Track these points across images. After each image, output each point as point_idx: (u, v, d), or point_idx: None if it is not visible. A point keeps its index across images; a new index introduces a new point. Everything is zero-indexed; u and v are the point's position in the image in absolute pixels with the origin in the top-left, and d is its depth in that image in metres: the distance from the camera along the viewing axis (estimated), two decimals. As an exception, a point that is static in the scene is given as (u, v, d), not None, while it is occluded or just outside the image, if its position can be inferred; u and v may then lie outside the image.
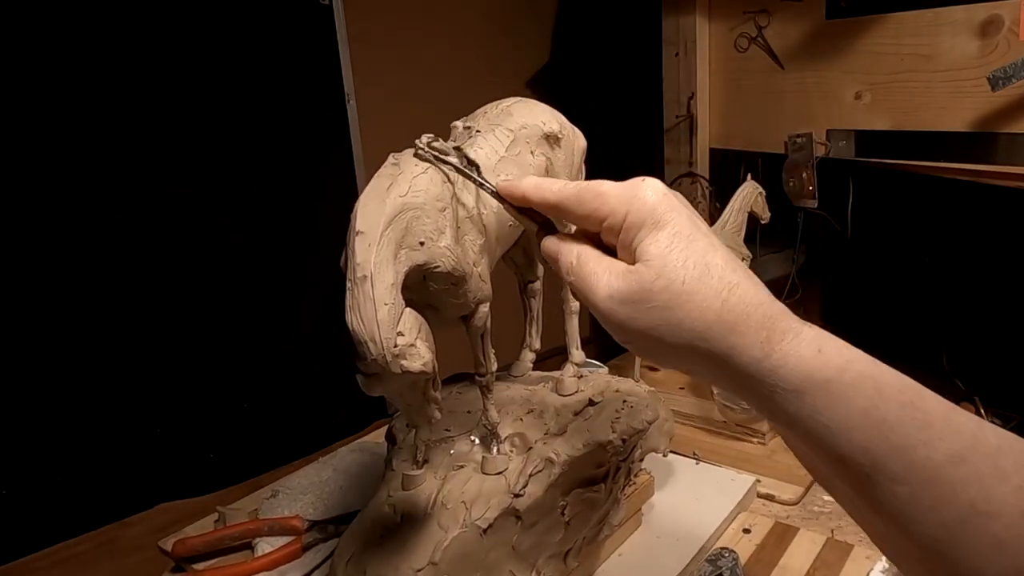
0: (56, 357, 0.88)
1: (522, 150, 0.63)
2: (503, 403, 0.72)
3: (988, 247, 1.11)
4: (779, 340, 0.36)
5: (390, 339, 0.45)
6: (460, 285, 0.55)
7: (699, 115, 1.20)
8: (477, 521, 0.59)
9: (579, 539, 0.68)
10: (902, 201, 1.03)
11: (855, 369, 0.35)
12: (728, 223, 1.05)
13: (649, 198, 0.38)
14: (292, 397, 1.10)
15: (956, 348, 1.09)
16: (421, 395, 0.50)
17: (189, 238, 0.97)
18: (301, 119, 1.05)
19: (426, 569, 0.56)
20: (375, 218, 0.48)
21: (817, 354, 0.35)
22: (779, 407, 0.36)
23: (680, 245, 0.37)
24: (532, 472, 0.62)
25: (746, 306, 0.36)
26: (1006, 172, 0.89)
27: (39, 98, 0.84)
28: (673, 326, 0.36)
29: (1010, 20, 0.85)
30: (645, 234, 0.38)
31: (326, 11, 1.05)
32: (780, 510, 0.87)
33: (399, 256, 0.49)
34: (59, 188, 0.86)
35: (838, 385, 0.34)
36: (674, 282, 0.36)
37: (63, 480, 0.90)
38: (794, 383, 0.35)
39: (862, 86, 1.00)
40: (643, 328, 0.37)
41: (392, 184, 0.50)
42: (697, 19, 1.15)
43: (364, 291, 0.46)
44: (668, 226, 0.38)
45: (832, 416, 0.34)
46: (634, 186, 0.39)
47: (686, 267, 0.37)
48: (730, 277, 0.37)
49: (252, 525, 0.79)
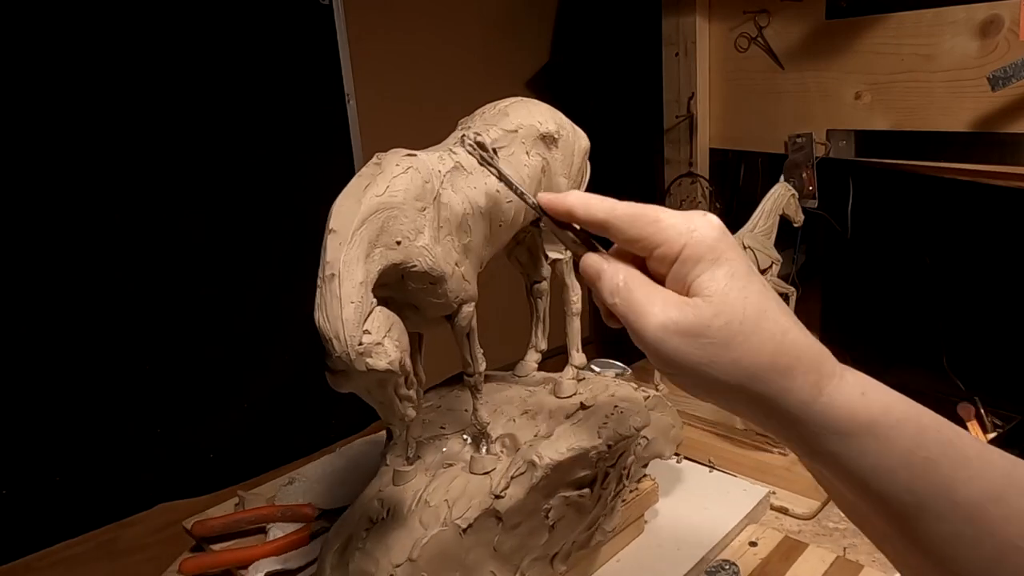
0: (56, 357, 0.88)
1: (517, 150, 0.62)
2: (499, 403, 0.72)
3: (988, 247, 1.11)
4: (827, 383, 0.36)
5: (354, 337, 0.46)
6: (439, 285, 0.55)
7: (699, 115, 1.20)
8: (457, 520, 0.59)
9: (567, 543, 0.67)
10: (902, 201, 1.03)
11: (897, 410, 0.36)
12: (758, 226, 1.01)
13: (708, 233, 0.38)
14: (292, 397, 1.10)
15: (956, 348, 1.09)
16: (391, 393, 0.50)
17: (189, 238, 0.97)
18: (301, 119, 1.05)
19: (404, 565, 0.57)
20: (348, 217, 0.48)
21: (861, 396, 0.36)
22: (824, 449, 0.36)
23: (739, 284, 0.37)
24: (514, 474, 0.61)
25: (798, 350, 0.37)
26: (1006, 172, 0.89)
27: (40, 99, 0.84)
28: (726, 364, 0.37)
29: (1010, 20, 0.85)
30: (703, 269, 0.38)
31: (326, 11, 1.05)
32: (792, 524, 0.84)
33: (372, 255, 0.49)
34: (60, 189, 0.86)
35: (883, 427, 0.35)
36: (732, 321, 0.36)
37: (63, 480, 0.90)
38: (841, 425, 0.36)
39: (862, 86, 1.00)
40: (694, 363, 0.37)
41: (370, 184, 0.51)
42: (697, 19, 1.15)
43: (331, 289, 0.46)
44: (727, 264, 0.38)
45: (878, 457, 0.35)
46: (692, 218, 0.39)
47: (745, 307, 0.37)
48: (783, 321, 0.37)
49: (266, 511, 0.81)
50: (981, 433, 0.91)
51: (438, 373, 0.78)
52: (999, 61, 0.84)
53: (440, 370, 0.79)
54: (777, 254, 1.02)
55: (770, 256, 1.01)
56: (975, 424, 0.92)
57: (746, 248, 0.99)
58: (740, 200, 1.28)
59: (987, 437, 0.90)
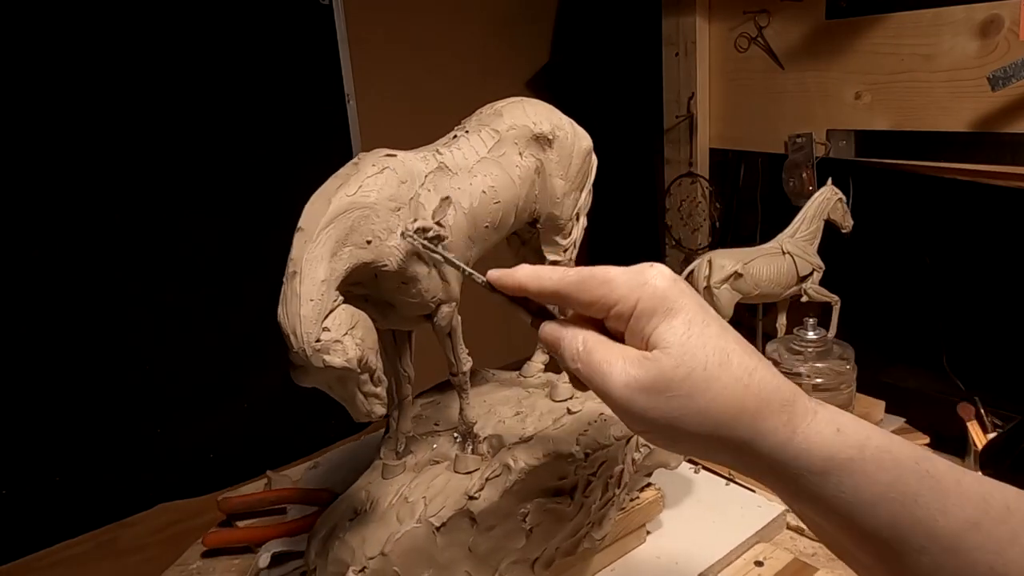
0: (56, 357, 0.88)
1: (508, 151, 0.62)
2: (495, 403, 0.72)
3: (988, 247, 1.11)
4: (800, 422, 0.36)
5: (311, 333, 0.46)
6: (411, 284, 0.55)
7: (699, 115, 1.20)
8: (431, 518, 0.59)
9: (548, 549, 0.66)
10: (902, 201, 1.03)
11: (873, 445, 0.35)
12: (799, 231, 0.98)
13: (659, 284, 0.38)
14: (292, 397, 1.09)
15: (956, 348, 1.09)
16: (353, 389, 0.50)
17: (189, 238, 0.97)
18: (301, 119, 1.05)
19: (377, 558, 0.57)
20: (317, 216, 0.49)
21: (837, 434, 0.35)
22: (803, 489, 0.36)
23: (696, 331, 0.37)
24: (489, 476, 0.61)
25: (767, 391, 0.36)
26: (1006, 172, 0.89)
27: (41, 100, 0.84)
28: (695, 415, 0.36)
29: (1010, 20, 0.85)
30: (659, 321, 0.38)
31: (326, 11, 1.05)
32: (807, 546, 0.79)
33: (340, 253, 0.50)
34: (60, 190, 0.86)
35: (860, 463, 0.35)
36: (695, 369, 0.36)
37: (63, 480, 0.90)
38: (818, 465, 0.35)
39: (862, 86, 1.00)
40: (663, 417, 0.37)
41: (343, 184, 0.51)
42: (697, 19, 1.15)
43: (292, 286, 0.47)
44: (681, 312, 0.38)
45: (857, 493, 0.35)
46: (642, 272, 0.39)
47: (706, 353, 0.36)
48: (747, 362, 0.37)
49: (286, 492, 0.83)
50: (981, 433, 0.91)
51: (443, 372, 0.78)
52: (999, 61, 0.84)
53: (445, 368, 0.79)
54: (820, 261, 0.99)
55: (811, 263, 0.98)
56: (975, 424, 0.91)
57: (785, 253, 0.97)
58: (740, 200, 1.28)
59: (987, 437, 0.90)
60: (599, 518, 0.69)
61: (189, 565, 0.78)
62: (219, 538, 0.78)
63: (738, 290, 0.96)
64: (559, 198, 0.68)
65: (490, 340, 1.30)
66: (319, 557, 0.61)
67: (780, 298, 1.00)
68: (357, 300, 0.57)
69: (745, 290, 0.96)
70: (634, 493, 0.75)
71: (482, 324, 1.32)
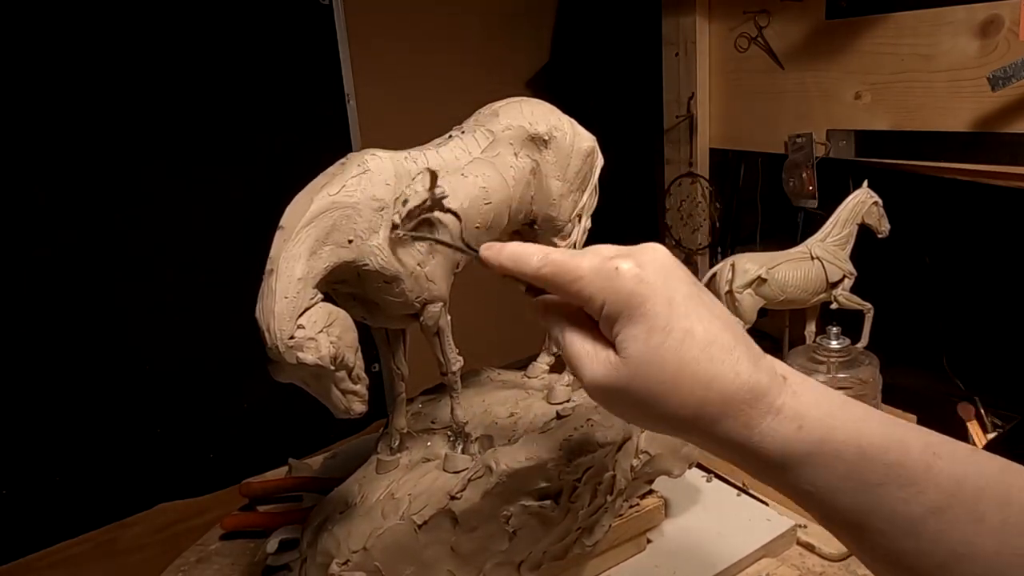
0: (56, 357, 0.88)
1: (503, 152, 0.62)
2: (492, 403, 0.72)
3: (988, 247, 1.11)
4: (758, 423, 0.37)
5: (285, 330, 0.47)
6: (394, 284, 0.56)
7: (699, 115, 1.20)
8: (414, 516, 0.60)
9: (535, 553, 0.65)
10: (902, 201, 1.03)
11: (836, 438, 0.36)
12: (830, 235, 0.95)
13: (623, 287, 0.38)
14: (292, 397, 1.09)
15: (956, 348, 1.09)
16: (329, 386, 0.51)
17: (189, 238, 0.97)
18: (301, 119, 1.05)
19: (360, 553, 0.58)
20: (298, 215, 0.50)
21: (797, 431, 0.36)
22: (763, 476, 0.38)
23: (656, 341, 0.37)
24: (471, 477, 0.61)
25: (724, 398, 0.37)
26: (1006, 172, 0.89)
27: (41, 100, 0.84)
28: (655, 418, 0.39)
29: (1010, 20, 0.85)
30: (622, 326, 0.38)
31: (326, 11, 1.05)
32: (816, 564, 0.76)
33: (320, 252, 0.50)
34: (60, 190, 0.86)
35: (819, 456, 0.36)
36: (651, 381, 0.37)
37: (63, 480, 0.90)
38: (775, 460, 0.37)
39: (862, 86, 1.00)
40: (626, 415, 0.41)
41: (327, 183, 0.52)
42: (697, 19, 1.15)
43: (268, 283, 0.48)
44: (643, 319, 0.38)
45: (815, 482, 0.36)
46: (608, 273, 0.39)
47: (663, 366, 0.37)
48: (707, 369, 0.37)
49: (303, 480, 0.84)
50: (981, 433, 0.91)
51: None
52: (999, 61, 0.84)
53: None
54: (851, 267, 0.96)
55: (842, 269, 0.95)
56: (975, 424, 0.91)
57: (813, 258, 0.94)
58: (740, 200, 1.28)
59: (987, 437, 0.90)
60: (590, 524, 0.68)
61: (208, 547, 0.80)
62: (236, 521, 0.80)
63: (762, 295, 0.93)
64: (555, 199, 0.67)
65: (498, 336, 1.30)
66: (310, 547, 0.62)
67: (808, 304, 0.97)
68: (345, 298, 0.57)
69: (770, 296, 0.93)
70: (634, 500, 0.74)
71: (492, 319, 1.33)
